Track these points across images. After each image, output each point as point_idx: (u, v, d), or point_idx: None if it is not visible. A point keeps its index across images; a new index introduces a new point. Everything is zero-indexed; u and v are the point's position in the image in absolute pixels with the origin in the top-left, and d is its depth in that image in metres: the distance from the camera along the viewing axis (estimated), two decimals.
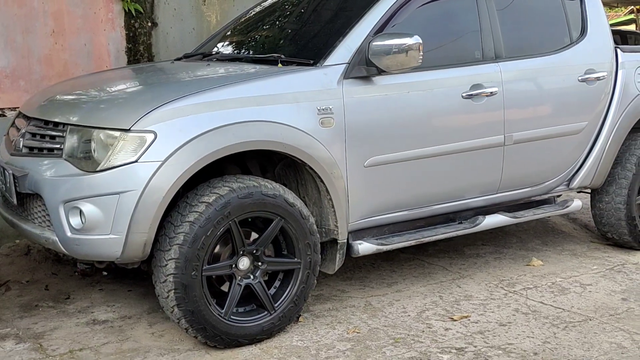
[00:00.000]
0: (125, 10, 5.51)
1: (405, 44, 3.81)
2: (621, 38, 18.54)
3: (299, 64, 3.95)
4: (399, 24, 4.10)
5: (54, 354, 3.59)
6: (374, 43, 3.83)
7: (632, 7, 24.49)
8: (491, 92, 4.31)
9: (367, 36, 3.93)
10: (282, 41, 4.50)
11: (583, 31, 4.87)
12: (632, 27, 24.64)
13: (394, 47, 3.81)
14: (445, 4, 4.36)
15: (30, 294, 4.39)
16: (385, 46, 3.81)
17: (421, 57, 3.84)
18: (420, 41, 3.82)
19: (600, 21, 4.96)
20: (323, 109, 3.75)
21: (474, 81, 4.27)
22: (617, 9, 26.20)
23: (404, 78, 4.01)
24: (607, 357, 3.54)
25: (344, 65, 3.86)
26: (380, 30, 4.01)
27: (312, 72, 3.83)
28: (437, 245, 5.26)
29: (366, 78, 3.91)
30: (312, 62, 3.90)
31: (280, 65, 3.97)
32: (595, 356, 3.55)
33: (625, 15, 27.20)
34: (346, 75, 3.85)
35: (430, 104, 4.13)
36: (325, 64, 3.86)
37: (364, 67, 3.88)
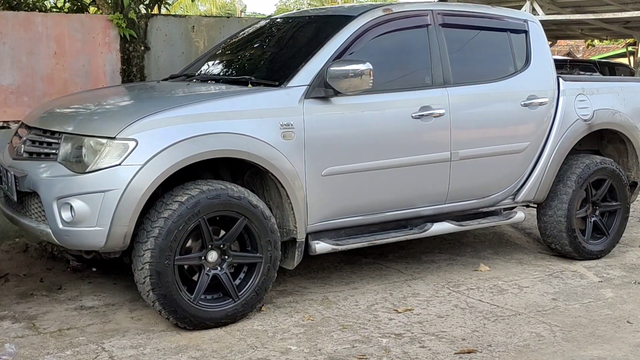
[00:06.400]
0: (120, 36, 6.12)
1: (358, 69, 4.39)
2: (609, 70, 18.99)
3: (266, 84, 4.53)
4: (356, 52, 4.68)
5: (44, 331, 4.14)
6: (331, 68, 4.42)
7: (626, 40, 25.20)
8: (439, 114, 4.88)
9: (326, 62, 4.51)
10: (254, 65, 5.09)
11: (527, 61, 5.45)
12: (625, 60, 25.34)
13: (349, 71, 4.40)
14: (398, 36, 4.94)
15: (27, 285, 4.93)
16: (340, 71, 4.40)
17: (372, 81, 4.42)
18: (371, 67, 4.40)
19: (543, 52, 5.54)
20: (285, 124, 4.32)
21: (423, 103, 4.84)
22: (606, 41, 26.88)
23: (359, 99, 4.59)
24: (525, 343, 4.07)
25: (305, 86, 4.44)
26: (338, 57, 4.59)
27: (277, 92, 4.41)
28: (397, 252, 5.81)
29: (325, 98, 4.48)
30: (277, 83, 4.48)
31: (250, 85, 4.56)
32: (515, 342, 4.08)
33: (622, 47, 27.95)
34: (307, 95, 4.43)
35: (382, 122, 4.70)
36: (288, 85, 4.44)
37: (323, 89, 4.46)
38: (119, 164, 3.90)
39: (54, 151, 4.15)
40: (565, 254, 5.74)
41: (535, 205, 5.76)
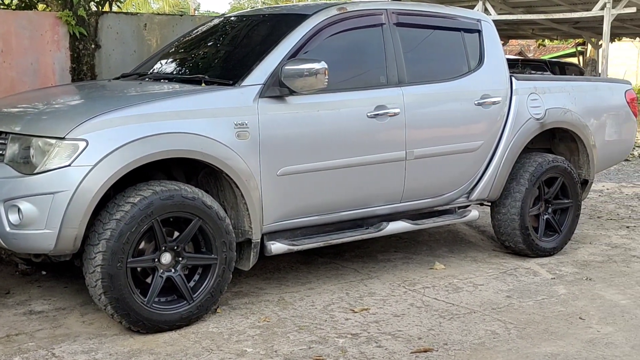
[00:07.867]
0: (70, 33, 5.99)
1: (312, 68, 4.36)
2: (560, 69, 19.33)
3: (220, 83, 4.48)
4: (311, 51, 4.66)
5: None
6: (286, 67, 4.38)
7: (575, 40, 25.71)
8: (394, 113, 4.88)
9: (280, 61, 4.48)
10: (208, 64, 5.03)
11: (480, 61, 5.50)
12: (575, 59, 25.82)
13: (304, 70, 4.37)
14: (353, 35, 4.93)
15: None
16: (295, 70, 4.36)
17: (327, 80, 4.40)
18: (326, 66, 4.37)
19: (496, 52, 5.59)
20: (239, 124, 4.27)
21: (378, 102, 4.83)
22: (557, 41, 27.37)
23: (314, 98, 4.56)
24: (480, 341, 4.10)
25: (260, 85, 4.39)
26: (293, 56, 4.55)
27: (231, 91, 4.36)
28: (353, 251, 5.80)
29: (279, 97, 4.44)
30: (231, 82, 4.43)
31: (203, 84, 4.49)
32: (471, 340, 4.10)
33: (572, 47, 28.52)
34: (261, 94, 4.38)
35: (337, 122, 4.68)
36: (242, 84, 4.39)
37: (278, 88, 4.42)
38: (69, 165, 3.80)
39: (0, 152, 4.03)
40: (518, 251, 5.80)
41: (489, 204, 5.81)
